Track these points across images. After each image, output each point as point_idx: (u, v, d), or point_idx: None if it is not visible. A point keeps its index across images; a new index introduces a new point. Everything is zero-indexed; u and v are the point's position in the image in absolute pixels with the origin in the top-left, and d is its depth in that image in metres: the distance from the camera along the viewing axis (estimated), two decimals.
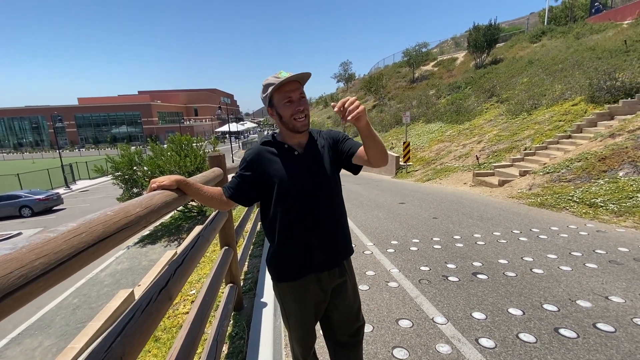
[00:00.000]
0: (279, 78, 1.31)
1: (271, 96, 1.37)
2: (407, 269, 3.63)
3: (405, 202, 7.22)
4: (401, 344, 2.33)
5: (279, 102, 1.36)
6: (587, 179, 6.38)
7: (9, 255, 0.52)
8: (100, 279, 8.12)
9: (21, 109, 60.22)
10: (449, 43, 37.64)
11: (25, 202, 16.08)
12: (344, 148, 1.47)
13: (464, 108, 16.96)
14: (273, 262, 1.48)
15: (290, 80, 1.32)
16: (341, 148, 1.48)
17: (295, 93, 1.34)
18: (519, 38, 24.14)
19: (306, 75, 1.36)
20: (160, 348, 2.88)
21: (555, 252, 3.78)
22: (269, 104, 1.40)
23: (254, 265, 4.19)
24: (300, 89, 1.36)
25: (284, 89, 1.34)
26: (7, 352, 5.56)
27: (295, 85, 1.35)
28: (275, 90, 1.34)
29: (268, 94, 1.36)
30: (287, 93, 1.34)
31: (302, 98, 1.37)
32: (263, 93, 1.39)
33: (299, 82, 1.37)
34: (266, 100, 1.39)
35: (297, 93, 1.35)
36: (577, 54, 14.82)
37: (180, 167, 10.46)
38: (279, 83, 1.30)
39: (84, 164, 26.27)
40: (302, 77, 1.36)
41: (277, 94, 1.35)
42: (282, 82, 1.31)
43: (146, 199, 1.06)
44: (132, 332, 0.92)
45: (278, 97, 1.35)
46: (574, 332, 2.32)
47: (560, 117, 10.76)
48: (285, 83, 1.32)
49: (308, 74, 1.36)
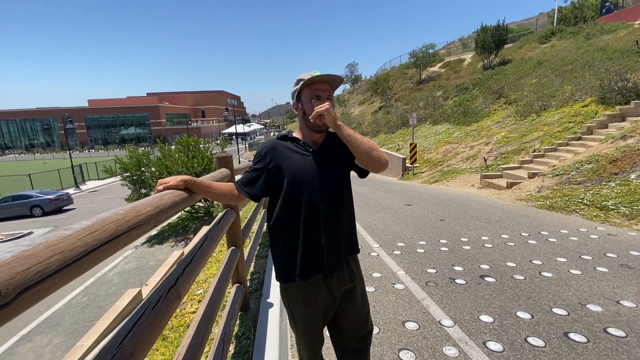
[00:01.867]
0: (312, 75, 1.35)
1: (300, 91, 1.41)
2: (414, 271, 3.62)
3: (412, 204, 7.19)
4: (407, 346, 2.31)
5: (306, 98, 1.40)
6: (598, 182, 6.29)
7: (27, 252, 0.53)
8: (108, 278, 8.23)
9: (33, 110, 61.44)
10: (456, 44, 37.35)
11: (36, 202, 16.39)
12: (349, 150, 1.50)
13: (471, 109, 16.83)
14: (280, 261, 1.47)
15: (321, 80, 1.36)
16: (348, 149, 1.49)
17: (324, 93, 1.38)
18: (528, 39, 23.88)
19: (338, 79, 1.39)
20: (168, 347, 2.91)
21: (565, 256, 3.73)
22: (296, 98, 1.44)
23: (260, 266, 4.21)
24: (329, 91, 1.40)
25: (313, 87, 1.37)
26: (17, 349, 5.66)
27: (326, 86, 1.39)
28: (305, 85, 1.38)
29: (298, 88, 1.40)
30: (316, 91, 1.37)
31: (329, 100, 1.39)
32: (294, 86, 1.43)
33: (330, 85, 1.40)
34: (294, 94, 1.43)
35: (325, 94, 1.38)
36: (588, 55, 14.62)
37: (188, 168, 10.56)
38: (309, 79, 1.35)
39: (94, 164, 26.70)
40: (334, 80, 1.39)
41: (306, 90, 1.39)
42: (313, 80, 1.35)
43: (156, 199, 1.08)
44: (142, 329, 0.93)
45: (306, 93, 1.39)
46: (584, 336, 2.29)
47: (570, 118, 10.62)
48: (316, 81, 1.36)
49: (340, 78, 1.39)
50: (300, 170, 1.40)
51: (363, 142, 1.34)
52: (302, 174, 1.39)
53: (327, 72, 1.36)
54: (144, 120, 60.59)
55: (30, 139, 62.67)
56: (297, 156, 1.43)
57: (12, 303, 0.48)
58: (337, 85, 1.43)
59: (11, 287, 0.48)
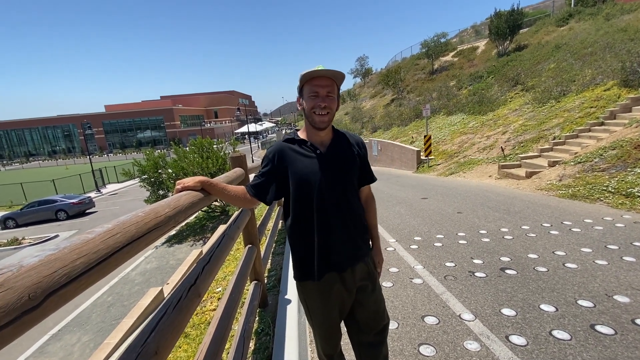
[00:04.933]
0: (313, 70, 1.33)
1: (302, 86, 1.40)
2: (432, 265, 3.57)
3: (428, 197, 7.09)
4: (427, 340, 2.29)
5: (306, 94, 1.38)
6: (623, 168, 6.03)
7: (52, 255, 0.55)
8: (131, 277, 8.48)
9: (54, 118, 63.65)
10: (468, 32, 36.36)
11: (61, 206, 17.03)
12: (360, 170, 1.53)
13: (486, 98, 16.41)
14: (296, 261, 1.50)
15: (321, 75, 1.34)
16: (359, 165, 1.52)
17: (324, 89, 1.35)
18: (544, 22, 23.00)
19: (339, 74, 1.36)
20: (190, 344, 2.98)
21: (589, 246, 3.61)
22: (299, 93, 1.43)
23: (277, 263, 4.25)
24: (330, 87, 1.36)
25: (314, 82, 1.35)
26: (48, 348, 5.92)
27: (327, 81, 1.35)
28: (305, 81, 1.37)
29: (299, 84, 1.40)
30: (316, 87, 1.35)
31: (329, 96, 1.36)
32: (298, 82, 1.43)
33: (333, 80, 1.37)
34: (298, 90, 1.43)
35: (325, 90, 1.35)
36: (608, 36, 13.99)
37: (203, 168, 10.74)
38: (307, 74, 1.33)
39: (113, 168, 27.46)
40: (335, 75, 1.36)
41: (307, 86, 1.37)
42: (312, 75, 1.33)
43: (174, 200, 1.10)
44: (165, 327, 0.95)
45: (307, 88, 1.37)
46: (611, 328, 2.21)
47: (591, 103, 10.21)
48: (316, 77, 1.34)
49: (342, 73, 1.36)
50: (307, 173, 1.39)
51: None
52: (310, 176, 1.38)
53: (333, 67, 1.33)
54: (159, 123, 61.90)
55: (53, 145, 65.03)
56: (304, 159, 1.41)
57: (41, 306, 0.50)
58: (340, 81, 1.39)
59: (39, 290, 0.50)
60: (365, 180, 1.58)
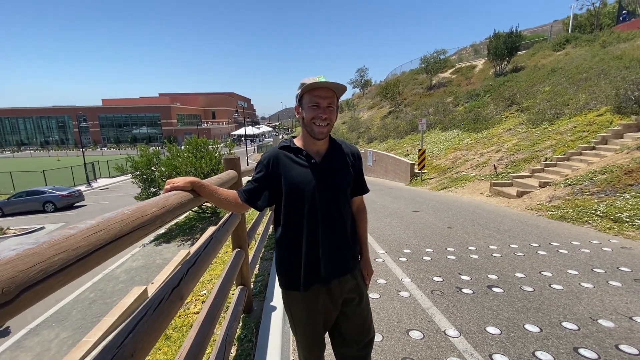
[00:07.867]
0: (315, 81, 1.32)
1: (302, 95, 1.39)
2: (420, 278, 3.57)
3: (420, 210, 7.12)
4: (411, 355, 2.28)
5: (306, 104, 1.37)
6: (612, 193, 6.14)
7: (30, 250, 0.54)
8: (115, 275, 8.33)
9: (49, 108, 62.87)
10: (467, 50, 37.05)
11: (49, 198, 16.74)
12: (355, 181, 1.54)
13: (482, 116, 16.65)
14: (281, 270, 1.48)
15: (322, 86, 1.33)
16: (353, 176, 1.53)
17: (325, 100, 1.34)
18: (542, 46, 23.57)
19: (341, 87, 1.36)
20: (171, 346, 2.92)
21: (576, 268, 3.64)
22: (298, 102, 1.42)
23: (265, 269, 4.21)
24: (331, 98, 1.36)
25: (315, 93, 1.35)
26: (25, 343, 5.76)
27: (328, 93, 1.35)
28: (306, 90, 1.36)
29: (299, 92, 1.39)
30: (316, 98, 1.34)
31: (330, 107, 1.36)
32: (297, 90, 1.42)
33: (334, 92, 1.37)
34: (297, 98, 1.42)
35: (326, 101, 1.35)
36: (603, 63, 14.35)
37: (196, 168, 10.67)
38: (309, 84, 1.32)
39: (105, 162, 27.16)
40: (337, 87, 1.36)
41: (307, 96, 1.37)
42: (314, 86, 1.33)
43: (162, 199, 1.08)
44: (143, 329, 0.93)
45: (308, 98, 1.37)
46: (594, 352, 2.22)
47: (583, 127, 10.42)
48: (317, 87, 1.34)
49: (344, 86, 1.36)
50: (301, 182, 1.38)
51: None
52: (303, 186, 1.37)
53: (334, 78, 1.33)
54: (156, 120, 61.50)
55: (46, 136, 64.10)
56: (298, 167, 1.40)
57: (14, 301, 0.49)
58: (340, 93, 1.39)
59: (13, 285, 0.48)
60: (358, 191, 1.58)
